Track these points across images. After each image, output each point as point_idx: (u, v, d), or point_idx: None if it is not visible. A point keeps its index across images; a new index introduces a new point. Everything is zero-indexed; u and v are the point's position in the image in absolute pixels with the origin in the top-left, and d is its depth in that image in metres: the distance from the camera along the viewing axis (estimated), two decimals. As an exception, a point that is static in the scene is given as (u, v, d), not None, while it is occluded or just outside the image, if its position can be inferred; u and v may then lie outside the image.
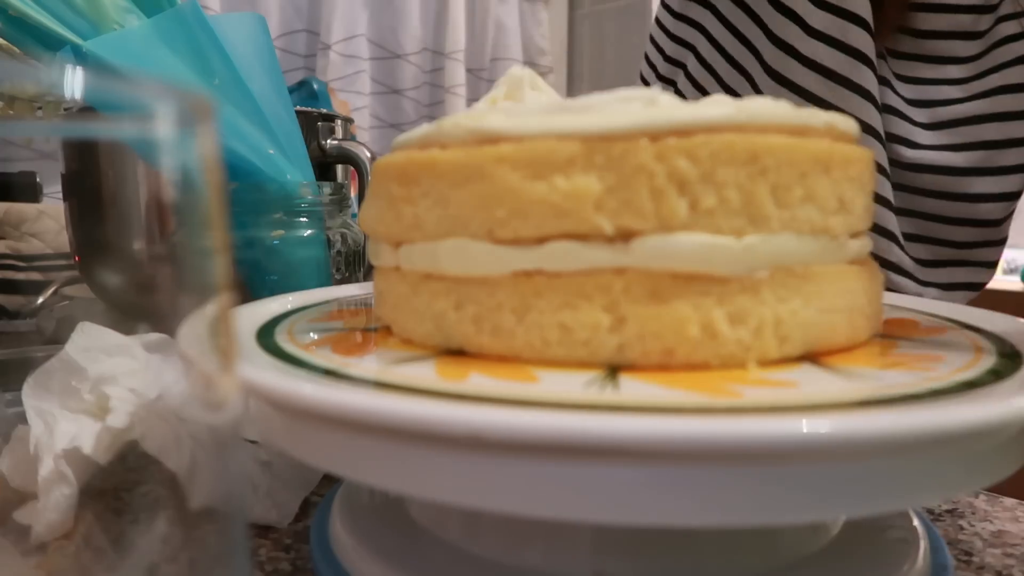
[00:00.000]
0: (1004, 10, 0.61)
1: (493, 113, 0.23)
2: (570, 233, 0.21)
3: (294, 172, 0.44)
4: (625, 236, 0.21)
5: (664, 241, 0.21)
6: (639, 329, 0.21)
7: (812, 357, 0.23)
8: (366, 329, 0.28)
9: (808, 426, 0.15)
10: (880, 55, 0.61)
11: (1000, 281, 1.89)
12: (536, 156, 0.21)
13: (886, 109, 0.62)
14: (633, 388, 0.19)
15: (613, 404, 0.18)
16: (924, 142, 0.62)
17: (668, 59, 0.71)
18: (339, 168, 0.57)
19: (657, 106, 0.22)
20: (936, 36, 0.62)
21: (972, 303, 0.65)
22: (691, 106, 0.22)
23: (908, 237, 0.64)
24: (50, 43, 0.40)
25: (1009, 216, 0.64)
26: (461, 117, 0.23)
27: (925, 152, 0.62)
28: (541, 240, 0.22)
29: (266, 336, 0.26)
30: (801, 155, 0.22)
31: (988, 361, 0.22)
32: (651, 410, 0.17)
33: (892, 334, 0.27)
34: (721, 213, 0.21)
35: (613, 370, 0.21)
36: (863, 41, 0.58)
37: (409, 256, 0.24)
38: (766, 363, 0.22)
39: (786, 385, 0.20)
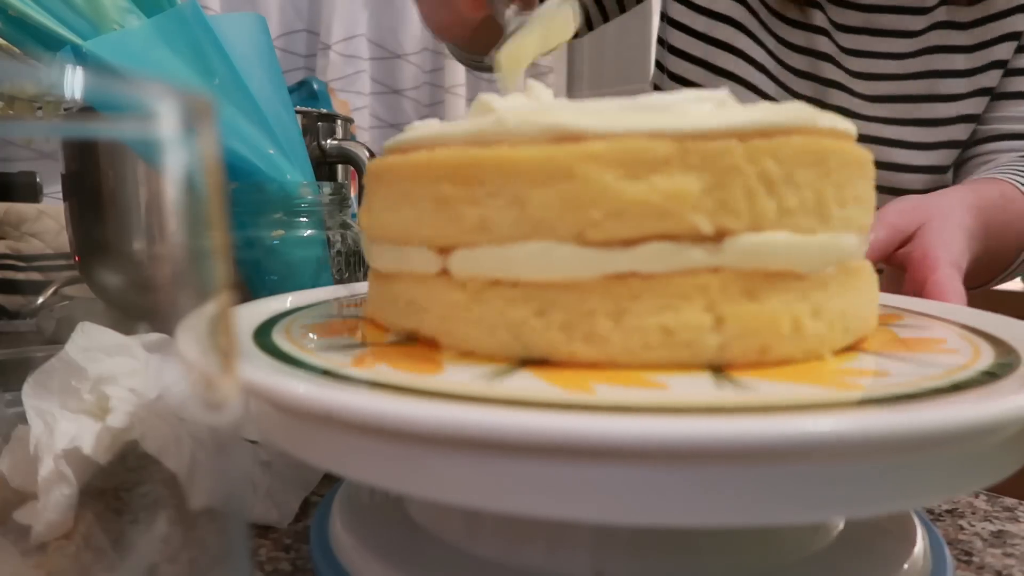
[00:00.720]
0: None
1: (565, 110, 0.22)
2: (665, 234, 0.21)
3: (294, 172, 0.44)
4: (718, 236, 0.21)
5: (756, 240, 0.21)
6: (739, 328, 0.21)
7: (856, 346, 0.24)
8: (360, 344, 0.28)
9: (811, 425, 0.15)
10: (824, 31, 0.67)
11: (1000, 281, 1.89)
12: (630, 155, 0.21)
13: (829, 83, 0.67)
14: (764, 387, 0.20)
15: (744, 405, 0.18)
16: (864, 113, 0.67)
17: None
18: (339, 168, 0.57)
19: (728, 107, 0.22)
20: (882, 10, 0.66)
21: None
22: (766, 108, 0.22)
23: None
24: (50, 43, 0.40)
25: (932, 191, 0.68)
26: (527, 113, 0.22)
27: (864, 124, 0.67)
28: (633, 242, 0.21)
29: (264, 336, 0.26)
30: (851, 158, 0.23)
31: (985, 361, 0.22)
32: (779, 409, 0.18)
33: (885, 323, 0.29)
34: (800, 212, 0.22)
35: (717, 369, 0.21)
36: (739, 39, 0.68)
37: (467, 261, 0.22)
38: (836, 353, 0.23)
39: (880, 375, 0.22)
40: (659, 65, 0.75)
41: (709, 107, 0.22)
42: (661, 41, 0.75)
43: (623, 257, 0.21)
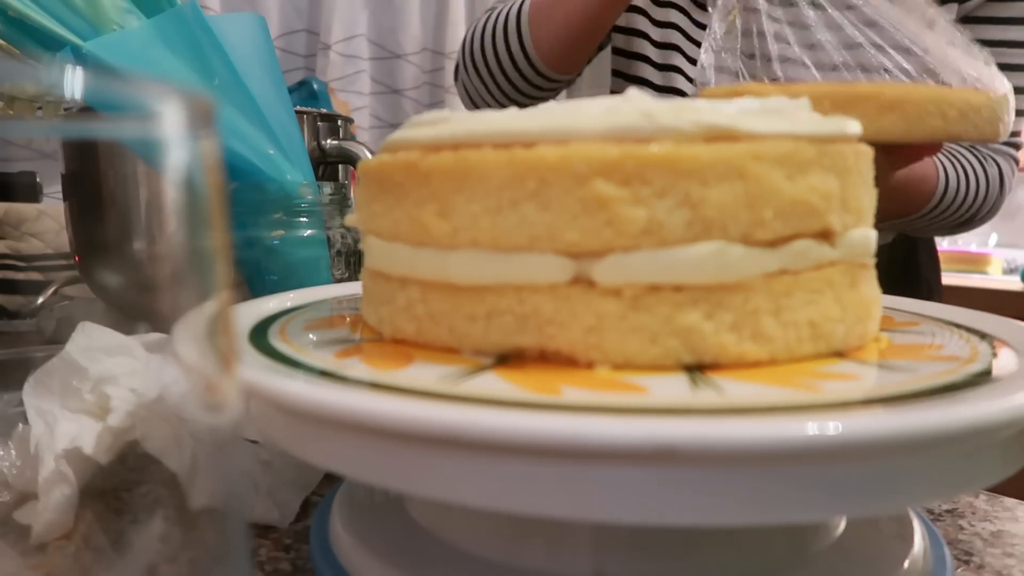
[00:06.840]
0: None
1: (710, 110, 0.22)
2: (807, 232, 0.22)
3: (294, 172, 0.44)
4: (839, 232, 0.23)
5: (859, 235, 0.23)
6: (855, 315, 0.23)
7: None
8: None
9: (814, 428, 0.15)
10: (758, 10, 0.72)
11: (1000, 281, 1.89)
12: (786, 156, 0.21)
13: (781, 59, 0.72)
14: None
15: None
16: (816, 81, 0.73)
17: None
18: (339, 168, 0.57)
19: (804, 112, 0.24)
20: None
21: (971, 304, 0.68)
22: (833, 118, 0.24)
23: None
24: (50, 44, 0.40)
25: None
26: (683, 110, 0.21)
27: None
28: (784, 240, 0.22)
29: (260, 336, 0.26)
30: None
31: (981, 361, 0.22)
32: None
33: None
34: (868, 209, 0.25)
35: (839, 355, 0.23)
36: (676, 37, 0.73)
37: (621, 267, 0.21)
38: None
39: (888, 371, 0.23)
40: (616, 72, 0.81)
41: (806, 113, 0.24)
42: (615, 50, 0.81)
43: (777, 255, 0.22)
